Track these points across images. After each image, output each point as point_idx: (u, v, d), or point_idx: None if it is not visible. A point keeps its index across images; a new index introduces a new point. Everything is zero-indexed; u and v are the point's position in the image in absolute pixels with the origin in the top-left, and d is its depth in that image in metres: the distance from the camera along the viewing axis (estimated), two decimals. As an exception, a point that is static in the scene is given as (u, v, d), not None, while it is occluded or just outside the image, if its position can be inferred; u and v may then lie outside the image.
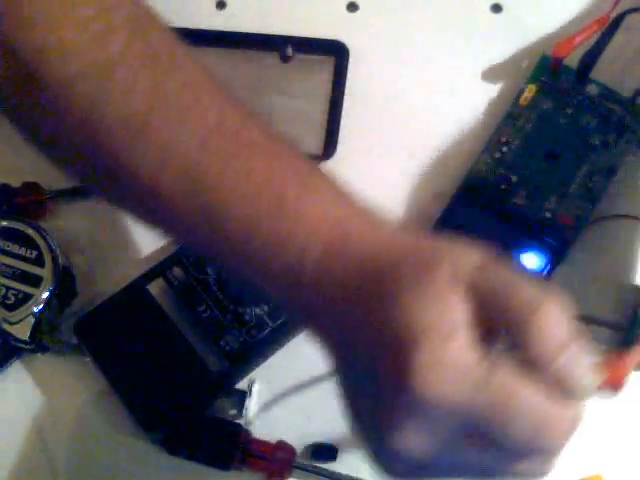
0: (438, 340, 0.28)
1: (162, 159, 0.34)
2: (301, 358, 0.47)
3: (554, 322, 0.28)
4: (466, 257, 0.31)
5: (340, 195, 0.35)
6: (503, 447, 0.29)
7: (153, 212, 0.36)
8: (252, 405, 0.47)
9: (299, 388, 0.48)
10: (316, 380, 0.47)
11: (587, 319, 0.46)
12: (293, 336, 0.48)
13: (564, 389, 0.28)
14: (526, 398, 0.28)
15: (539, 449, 0.29)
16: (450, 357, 0.28)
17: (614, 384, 0.34)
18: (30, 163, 0.47)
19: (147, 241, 0.50)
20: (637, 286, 0.49)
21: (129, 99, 0.34)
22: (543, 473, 0.31)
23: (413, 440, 0.29)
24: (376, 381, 0.30)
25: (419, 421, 0.29)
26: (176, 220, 0.35)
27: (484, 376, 0.28)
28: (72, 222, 0.52)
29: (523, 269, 0.47)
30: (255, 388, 0.47)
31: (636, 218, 0.50)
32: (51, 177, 0.51)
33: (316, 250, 0.32)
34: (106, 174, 0.36)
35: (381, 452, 0.31)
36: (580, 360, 0.29)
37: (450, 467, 0.30)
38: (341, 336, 0.32)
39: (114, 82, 0.33)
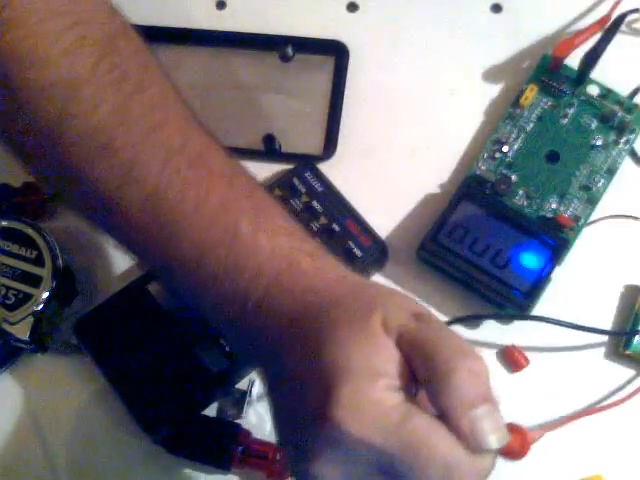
0: (362, 380, 0.30)
1: (123, 177, 0.35)
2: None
3: (469, 380, 0.29)
4: (401, 306, 0.32)
5: (291, 228, 0.36)
6: None
7: (110, 225, 0.37)
8: (252, 405, 0.47)
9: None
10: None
11: (584, 328, 0.46)
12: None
13: (474, 442, 0.29)
14: (438, 446, 0.29)
15: None
16: (371, 398, 0.29)
17: (519, 450, 0.35)
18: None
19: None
20: (637, 286, 0.49)
21: (95, 116, 0.34)
22: None
23: (328, 470, 0.30)
24: (301, 411, 0.31)
25: (336, 453, 0.30)
26: (131, 235, 0.36)
27: (401, 420, 0.29)
28: (72, 222, 0.52)
29: (523, 269, 0.47)
30: (255, 388, 0.47)
31: (636, 218, 0.50)
32: (51, 177, 0.51)
33: (263, 282, 0.34)
34: (67, 183, 0.36)
35: (301, 474, 0.32)
36: (491, 416, 0.30)
37: None
38: (276, 363, 0.34)
39: (81, 98, 0.34)
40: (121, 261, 0.51)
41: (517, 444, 0.35)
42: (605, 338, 0.48)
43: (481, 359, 0.30)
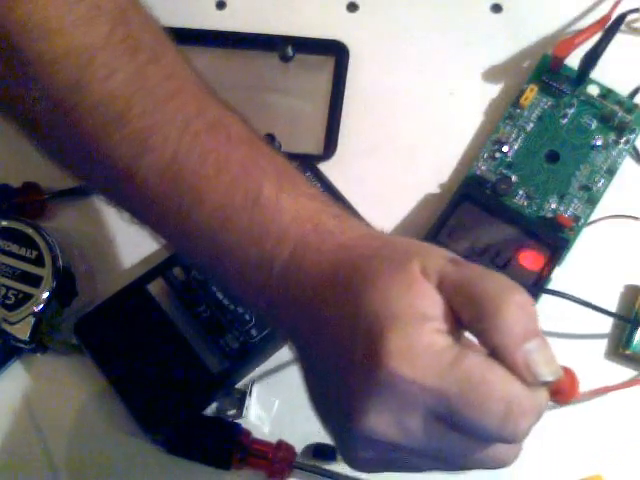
0: (411, 325, 0.29)
1: (141, 145, 0.34)
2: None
3: (519, 314, 0.29)
4: (437, 253, 0.32)
5: (313, 191, 0.35)
6: (472, 432, 0.29)
7: (126, 196, 0.36)
8: (252, 405, 0.47)
9: (299, 388, 0.48)
10: (316, 380, 0.47)
11: (592, 306, 0.46)
12: (293, 336, 0.48)
13: (531, 375, 0.29)
14: (495, 382, 0.29)
15: (507, 434, 0.29)
16: (422, 341, 0.29)
17: (569, 390, 0.35)
18: (30, 163, 0.47)
19: (147, 241, 0.50)
20: (637, 286, 0.49)
21: (110, 84, 0.34)
22: (507, 462, 0.31)
23: (383, 423, 0.29)
24: (348, 368, 0.30)
25: (390, 403, 0.29)
26: (149, 206, 0.35)
27: (455, 360, 0.29)
28: (72, 222, 0.52)
29: (523, 269, 0.47)
30: (255, 388, 0.47)
31: (636, 218, 0.50)
32: (51, 177, 0.51)
33: (288, 246, 0.33)
34: (81, 155, 0.36)
35: (350, 440, 0.31)
36: (544, 349, 0.29)
37: (416, 457, 0.31)
38: (310, 329, 0.33)
39: (96, 66, 0.34)
40: (121, 261, 0.51)
41: (567, 383, 0.34)
42: (605, 340, 0.48)
43: (526, 293, 0.30)
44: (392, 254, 0.32)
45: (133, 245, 0.51)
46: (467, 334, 0.31)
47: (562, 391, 0.34)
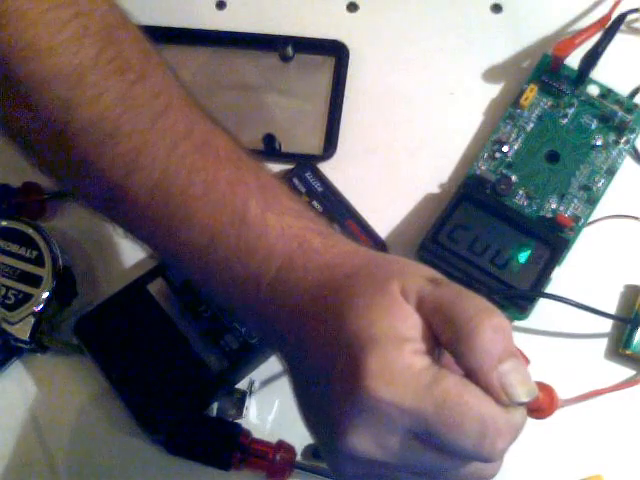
0: (390, 347, 0.30)
1: (130, 164, 0.35)
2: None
3: (494, 336, 0.30)
4: (417, 273, 0.32)
5: (299, 209, 0.36)
6: (450, 451, 0.30)
7: (118, 214, 0.37)
8: (252, 405, 0.47)
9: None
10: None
11: (590, 309, 0.46)
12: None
13: (505, 396, 0.29)
14: (471, 402, 0.29)
15: (484, 453, 0.29)
16: (401, 362, 0.29)
17: (548, 406, 0.35)
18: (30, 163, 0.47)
19: (147, 241, 0.50)
20: (637, 286, 0.49)
21: (99, 105, 0.34)
22: (487, 478, 0.32)
23: (363, 442, 0.30)
24: (329, 386, 0.31)
25: (370, 423, 0.30)
26: (140, 223, 0.36)
27: (432, 381, 0.29)
28: (72, 222, 0.52)
29: (523, 269, 0.47)
30: (255, 388, 0.47)
31: (636, 218, 0.50)
32: (51, 177, 0.51)
33: (275, 264, 0.34)
34: (73, 172, 0.36)
35: (333, 453, 0.32)
36: (519, 370, 0.30)
37: (403, 472, 0.31)
38: (295, 344, 0.34)
39: (85, 87, 0.34)
40: (121, 261, 0.51)
41: (546, 400, 0.35)
42: (605, 340, 0.48)
43: (502, 315, 0.30)
44: (374, 272, 0.33)
45: (133, 245, 0.51)
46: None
47: (541, 408, 0.34)
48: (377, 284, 0.31)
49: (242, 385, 0.47)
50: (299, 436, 0.46)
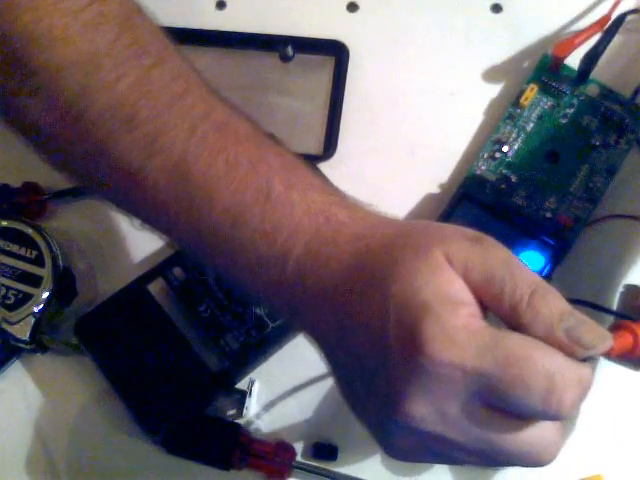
0: (442, 309, 0.29)
1: (149, 148, 0.34)
2: (301, 358, 0.47)
3: (555, 298, 0.29)
4: (458, 237, 0.31)
5: (323, 185, 0.35)
6: (515, 410, 0.29)
7: (138, 202, 0.36)
8: (252, 405, 0.47)
9: (299, 388, 0.48)
10: (316, 380, 0.47)
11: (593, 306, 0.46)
12: (293, 336, 0.48)
13: (575, 347, 0.29)
14: (537, 357, 0.28)
15: (552, 408, 0.28)
16: (457, 323, 0.29)
17: (635, 345, 0.33)
18: (30, 163, 0.47)
19: (147, 241, 0.50)
20: (637, 286, 0.49)
21: (117, 89, 0.34)
22: (546, 457, 0.31)
23: (423, 408, 0.29)
24: (383, 357, 0.30)
25: (431, 389, 0.29)
26: (161, 209, 0.35)
27: (493, 339, 0.29)
28: (72, 222, 0.52)
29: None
30: (255, 388, 0.47)
31: (636, 218, 0.50)
32: (51, 177, 0.50)
33: (302, 240, 0.33)
34: (90, 160, 0.36)
35: (386, 424, 0.31)
36: (584, 322, 0.29)
37: (456, 448, 0.30)
38: (332, 321, 0.32)
39: (102, 72, 0.34)
40: (121, 261, 0.51)
41: (628, 340, 0.32)
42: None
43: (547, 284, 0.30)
44: (411, 241, 0.31)
45: (133, 245, 0.51)
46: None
47: (627, 348, 0.32)
48: (418, 252, 0.31)
49: (242, 385, 0.47)
50: (299, 436, 0.46)
